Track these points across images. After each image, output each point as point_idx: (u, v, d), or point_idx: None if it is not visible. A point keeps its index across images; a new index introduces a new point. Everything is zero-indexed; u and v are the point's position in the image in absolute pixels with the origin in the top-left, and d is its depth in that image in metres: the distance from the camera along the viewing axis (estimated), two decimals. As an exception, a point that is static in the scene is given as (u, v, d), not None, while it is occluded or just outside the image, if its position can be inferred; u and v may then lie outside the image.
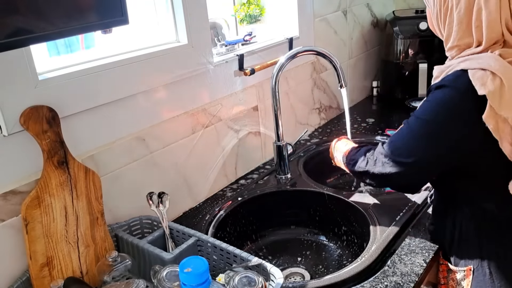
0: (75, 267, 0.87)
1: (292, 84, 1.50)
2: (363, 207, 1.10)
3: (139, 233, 1.02)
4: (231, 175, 1.31)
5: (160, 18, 1.10)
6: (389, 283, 0.86)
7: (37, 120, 0.79)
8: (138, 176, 1.03)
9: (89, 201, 0.88)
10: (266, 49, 1.35)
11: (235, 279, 0.74)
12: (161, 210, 0.96)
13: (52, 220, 0.82)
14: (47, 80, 0.83)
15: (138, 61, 0.98)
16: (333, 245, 1.20)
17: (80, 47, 1.14)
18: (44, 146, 0.80)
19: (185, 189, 1.17)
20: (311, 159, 1.44)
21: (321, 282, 0.88)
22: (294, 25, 1.47)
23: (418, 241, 0.97)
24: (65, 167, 0.84)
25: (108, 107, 0.95)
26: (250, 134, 1.35)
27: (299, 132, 1.50)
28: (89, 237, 0.89)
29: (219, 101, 1.22)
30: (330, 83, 1.71)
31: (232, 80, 1.25)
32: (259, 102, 1.36)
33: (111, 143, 0.97)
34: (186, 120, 1.13)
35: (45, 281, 0.82)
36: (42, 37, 0.59)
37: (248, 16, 1.48)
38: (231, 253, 0.85)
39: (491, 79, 0.68)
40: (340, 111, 1.81)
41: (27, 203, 0.79)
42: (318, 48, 1.23)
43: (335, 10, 1.64)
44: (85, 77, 0.89)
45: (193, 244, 0.90)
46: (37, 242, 0.81)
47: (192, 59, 1.10)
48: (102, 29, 0.67)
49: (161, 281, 0.75)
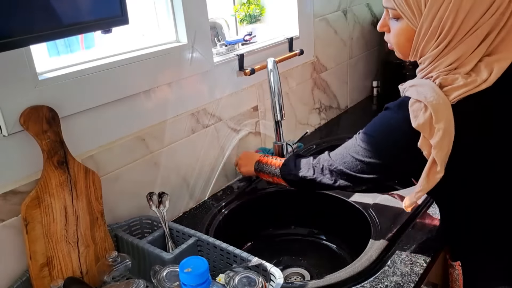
0: (75, 267, 0.87)
1: (292, 84, 1.50)
2: (363, 207, 1.10)
3: (139, 233, 1.01)
4: (231, 175, 1.31)
5: (160, 18, 1.10)
6: (389, 283, 0.86)
7: (37, 120, 0.79)
8: (138, 176, 1.03)
9: (89, 201, 0.88)
10: (266, 49, 1.35)
11: (235, 279, 0.74)
12: (161, 210, 0.95)
13: (52, 220, 0.82)
14: (47, 80, 0.83)
15: (138, 61, 0.98)
16: (333, 245, 1.20)
17: (80, 47, 1.14)
18: (44, 146, 0.80)
19: (185, 189, 1.17)
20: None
21: (321, 282, 0.87)
22: (294, 25, 1.47)
23: (418, 241, 0.97)
24: (65, 167, 0.84)
25: (108, 107, 0.95)
26: (250, 134, 1.35)
27: (299, 132, 1.50)
28: (89, 237, 0.89)
29: (219, 101, 1.22)
30: (330, 83, 1.71)
31: (232, 80, 1.25)
32: (259, 102, 1.36)
33: (111, 143, 0.97)
34: (186, 120, 1.13)
35: (45, 281, 0.82)
36: (42, 37, 0.59)
37: (248, 16, 1.48)
38: (231, 253, 0.85)
39: (423, 112, 0.71)
40: (340, 111, 1.81)
41: (27, 203, 0.79)
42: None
43: (335, 10, 1.64)
44: (85, 77, 0.89)
45: (193, 244, 0.90)
46: (37, 242, 0.81)
47: (192, 59, 1.10)
48: (102, 29, 0.67)
49: (161, 281, 0.75)
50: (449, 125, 0.69)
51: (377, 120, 0.81)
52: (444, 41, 0.72)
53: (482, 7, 0.68)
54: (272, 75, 1.17)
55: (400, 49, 0.82)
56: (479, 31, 0.70)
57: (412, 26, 0.76)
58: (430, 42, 0.74)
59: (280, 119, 1.20)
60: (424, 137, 0.71)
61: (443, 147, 0.70)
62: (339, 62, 1.73)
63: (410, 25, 0.76)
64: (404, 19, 0.76)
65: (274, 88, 1.17)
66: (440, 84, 0.72)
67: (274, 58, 1.20)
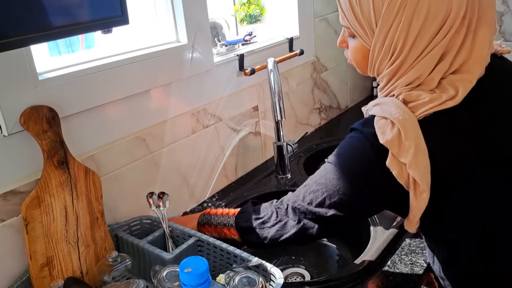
0: (75, 267, 0.87)
1: (292, 84, 1.50)
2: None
3: (139, 233, 1.01)
4: (231, 175, 1.31)
5: (160, 18, 1.10)
6: (390, 284, 0.86)
7: (37, 120, 0.79)
8: (138, 176, 1.03)
9: (89, 201, 0.88)
10: (267, 49, 1.35)
11: (235, 279, 0.74)
12: (161, 210, 0.95)
13: (52, 220, 0.82)
14: (47, 80, 0.83)
15: (138, 61, 0.98)
16: (334, 245, 1.20)
17: (80, 47, 1.14)
18: (44, 146, 0.80)
19: (185, 189, 1.17)
20: (311, 159, 1.44)
21: (321, 282, 0.87)
22: (294, 25, 1.47)
23: (418, 241, 0.97)
24: (65, 167, 0.84)
25: (108, 107, 0.95)
26: (250, 134, 1.35)
27: (299, 132, 1.50)
28: (89, 237, 0.89)
29: (219, 101, 1.22)
30: (331, 83, 1.71)
31: (232, 80, 1.25)
32: (259, 102, 1.36)
33: (111, 143, 0.97)
34: (186, 120, 1.13)
35: (45, 281, 0.82)
36: (42, 37, 0.59)
37: (248, 16, 1.48)
38: (231, 253, 0.85)
39: (390, 128, 0.69)
40: (341, 111, 1.81)
41: (27, 203, 0.79)
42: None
43: (335, 10, 1.64)
44: (85, 77, 0.89)
45: (193, 244, 0.90)
46: (37, 242, 0.81)
47: (192, 59, 1.10)
48: (102, 29, 0.67)
49: (161, 281, 0.75)
50: (419, 141, 0.67)
51: (342, 143, 0.78)
52: (398, 59, 0.71)
53: (433, 27, 0.68)
54: (272, 75, 1.17)
55: (358, 66, 0.82)
56: (435, 51, 0.69)
57: (366, 45, 0.76)
58: (384, 60, 0.74)
59: (280, 119, 1.20)
60: (392, 155, 0.68)
61: (419, 164, 0.67)
62: (339, 62, 1.73)
63: (364, 44, 0.76)
64: (358, 38, 0.77)
65: (274, 88, 1.17)
66: (404, 100, 0.70)
67: (274, 58, 1.20)
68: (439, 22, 0.67)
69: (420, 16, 0.67)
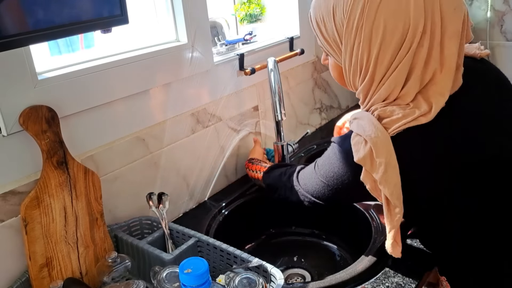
0: (74, 267, 0.87)
1: (292, 83, 1.49)
2: (364, 207, 1.09)
3: (139, 233, 1.01)
4: (231, 175, 1.30)
5: (160, 17, 1.10)
6: (390, 284, 0.85)
7: (37, 120, 0.79)
8: (138, 176, 1.03)
9: (89, 202, 0.88)
10: (267, 49, 1.34)
11: (235, 280, 0.74)
12: (161, 211, 0.95)
13: (51, 221, 0.82)
14: (47, 79, 0.83)
15: (138, 61, 0.98)
16: (334, 246, 1.19)
17: (80, 46, 1.14)
18: (43, 146, 0.80)
19: (185, 189, 1.16)
20: (312, 159, 1.43)
21: (322, 283, 0.87)
22: (295, 25, 1.46)
23: (419, 242, 0.96)
24: (64, 167, 0.83)
25: (108, 107, 0.95)
26: (250, 134, 1.34)
27: (300, 132, 1.50)
28: (88, 238, 0.88)
29: (219, 101, 1.21)
30: (331, 83, 1.70)
31: (233, 79, 1.24)
32: (259, 102, 1.36)
33: (111, 143, 0.97)
34: (186, 120, 1.12)
35: (44, 282, 0.82)
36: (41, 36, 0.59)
37: (248, 16, 1.48)
38: (232, 254, 0.85)
39: (363, 145, 0.71)
40: (341, 111, 1.81)
41: (26, 204, 0.79)
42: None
43: (336, 9, 1.63)
44: (84, 77, 0.88)
45: (193, 245, 0.90)
46: (36, 243, 0.80)
47: (192, 59, 1.10)
48: (101, 28, 0.67)
49: (161, 282, 0.74)
50: (390, 158, 0.68)
51: (326, 153, 0.84)
52: (367, 75, 0.73)
53: (393, 42, 0.69)
54: (273, 75, 1.17)
55: (338, 81, 0.86)
56: (402, 66, 0.69)
57: (338, 63, 0.80)
58: (356, 77, 0.76)
59: (280, 119, 1.20)
60: (366, 170, 0.71)
61: (389, 181, 0.68)
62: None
63: (337, 62, 0.80)
64: (331, 56, 0.81)
65: (275, 87, 1.16)
66: (379, 116, 0.72)
67: (275, 58, 1.19)
68: (399, 38, 0.69)
69: (378, 33, 0.69)
